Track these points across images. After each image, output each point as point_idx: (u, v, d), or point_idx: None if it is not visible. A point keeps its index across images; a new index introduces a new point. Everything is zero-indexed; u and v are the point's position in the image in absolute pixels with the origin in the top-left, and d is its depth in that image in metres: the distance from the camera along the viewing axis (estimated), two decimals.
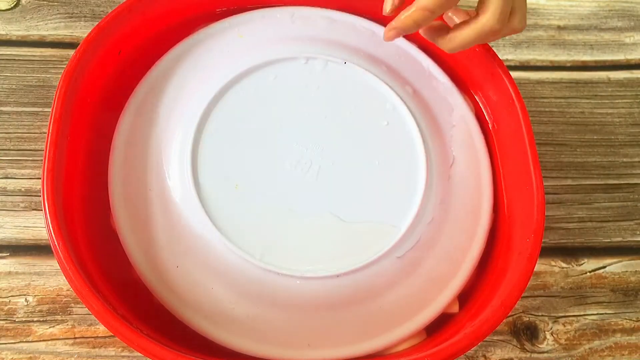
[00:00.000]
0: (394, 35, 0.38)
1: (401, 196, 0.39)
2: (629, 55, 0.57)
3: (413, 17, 0.36)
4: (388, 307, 0.38)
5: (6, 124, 0.48)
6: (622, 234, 0.50)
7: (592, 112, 0.54)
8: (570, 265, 0.48)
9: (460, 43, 0.37)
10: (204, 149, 0.39)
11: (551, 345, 0.45)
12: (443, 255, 0.40)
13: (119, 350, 0.42)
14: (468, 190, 0.42)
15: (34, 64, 0.50)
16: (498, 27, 0.36)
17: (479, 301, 0.39)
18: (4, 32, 0.51)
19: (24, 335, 0.42)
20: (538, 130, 0.52)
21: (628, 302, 0.47)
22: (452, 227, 0.40)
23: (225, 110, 0.40)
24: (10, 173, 0.46)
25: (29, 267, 0.43)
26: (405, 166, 0.40)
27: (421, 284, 0.39)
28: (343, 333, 0.37)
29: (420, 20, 0.36)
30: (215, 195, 0.38)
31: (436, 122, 0.43)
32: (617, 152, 0.53)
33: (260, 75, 0.41)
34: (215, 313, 0.36)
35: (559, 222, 0.49)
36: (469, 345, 0.34)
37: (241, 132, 0.40)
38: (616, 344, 0.46)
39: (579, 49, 0.57)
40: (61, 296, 0.43)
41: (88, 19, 0.52)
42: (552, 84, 0.55)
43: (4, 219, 0.45)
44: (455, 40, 0.38)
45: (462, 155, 0.43)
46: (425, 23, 0.37)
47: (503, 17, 0.36)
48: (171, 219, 0.38)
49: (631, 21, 0.59)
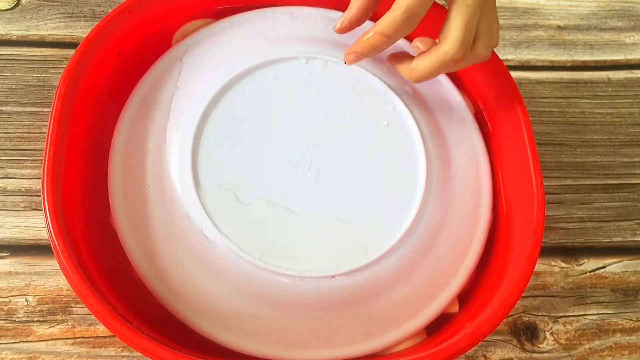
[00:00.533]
0: (353, 59, 0.38)
1: (401, 196, 0.39)
2: (629, 55, 0.57)
3: (370, 41, 0.36)
4: (388, 307, 0.38)
5: (6, 124, 0.48)
6: (622, 234, 0.50)
7: (592, 112, 0.54)
8: (570, 265, 0.48)
9: (422, 73, 0.37)
10: (204, 148, 0.39)
11: (551, 345, 0.45)
12: (443, 256, 0.40)
13: (119, 350, 0.42)
14: (468, 191, 0.42)
15: (34, 64, 0.50)
16: (460, 56, 0.35)
17: (479, 301, 0.39)
18: (4, 32, 0.51)
19: (24, 335, 0.42)
20: (538, 130, 0.52)
21: (628, 302, 0.47)
22: (451, 227, 0.40)
23: (225, 110, 0.40)
24: (10, 173, 0.46)
25: (29, 267, 0.43)
26: (405, 166, 0.40)
27: (421, 284, 0.39)
28: (343, 333, 0.37)
29: (378, 45, 0.36)
30: (215, 195, 0.38)
31: (436, 122, 0.43)
32: (617, 152, 0.53)
33: (261, 75, 0.41)
34: (215, 313, 0.36)
35: (559, 222, 0.49)
36: (469, 345, 0.34)
37: (241, 132, 0.39)
38: (616, 344, 0.46)
39: (579, 49, 0.57)
40: (61, 296, 0.43)
41: (88, 19, 0.52)
42: (552, 84, 0.55)
43: (4, 219, 0.45)
44: (417, 71, 0.37)
45: (461, 156, 0.43)
46: (383, 47, 0.36)
47: (465, 45, 0.35)
48: (171, 219, 0.38)
49: (631, 21, 0.59)
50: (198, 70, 0.42)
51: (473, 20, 0.35)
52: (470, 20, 0.35)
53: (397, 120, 0.41)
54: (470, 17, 0.35)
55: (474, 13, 0.35)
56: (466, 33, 0.35)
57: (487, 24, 0.36)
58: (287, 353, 0.37)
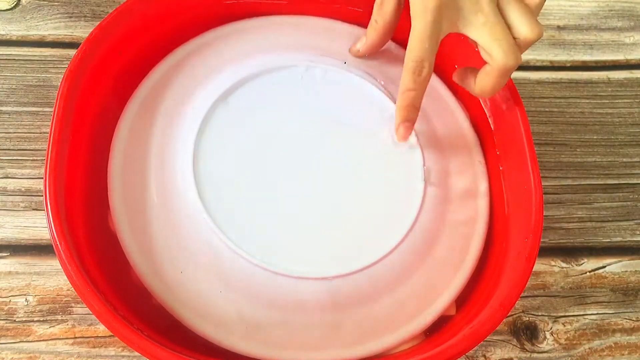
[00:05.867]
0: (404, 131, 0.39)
1: (399, 201, 0.40)
2: (628, 55, 0.57)
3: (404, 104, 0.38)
4: (387, 309, 0.38)
5: (6, 124, 0.48)
6: (622, 234, 0.50)
7: (592, 112, 0.54)
8: (570, 265, 0.48)
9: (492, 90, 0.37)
10: (206, 150, 0.39)
11: (551, 345, 0.45)
12: (442, 257, 0.40)
13: (119, 350, 0.42)
14: (466, 193, 0.42)
15: (34, 64, 0.50)
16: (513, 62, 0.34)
17: (478, 302, 0.39)
18: (4, 32, 0.51)
19: (24, 335, 0.42)
20: (538, 130, 0.52)
21: (628, 302, 0.47)
22: (450, 229, 0.40)
23: (227, 114, 0.40)
24: (10, 173, 0.46)
25: (29, 267, 0.43)
26: (404, 172, 0.40)
27: (420, 285, 0.39)
28: (342, 335, 0.37)
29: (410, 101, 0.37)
30: (216, 196, 0.38)
31: (434, 129, 0.43)
32: (617, 152, 0.53)
33: (261, 81, 0.41)
34: (215, 314, 0.36)
35: (558, 222, 0.49)
36: (469, 346, 0.34)
37: (242, 136, 0.40)
38: (616, 344, 0.46)
39: (578, 49, 0.57)
40: (61, 296, 0.43)
41: (88, 19, 0.52)
42: (552, 84, 0.55)
43: (4, 219, 0.45)
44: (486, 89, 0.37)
45: (458, 158, 0.43)
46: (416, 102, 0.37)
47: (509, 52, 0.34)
48: (171, 220, 0.38)
49: (631, 21, 0.59)
50: (200, 75, 0.42)
51: (496, 28, 0.34)
52: (494, 31, 0.34)
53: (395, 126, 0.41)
54: (492, 28, 0.34)
55: (492, 23, 0.34)
56: (502, 43, 0.34)
57: (515, 10, 0.35)
58: (287, 355, 0.37)
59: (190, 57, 0.42)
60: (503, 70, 0.35)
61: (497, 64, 0.35)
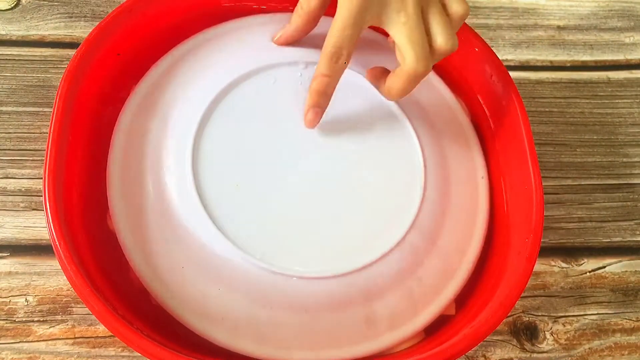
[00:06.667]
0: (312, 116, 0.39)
1: (400, 199, 0.40)
2: (629, 55, 0.57)
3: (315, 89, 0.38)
4: (387, 309, 0.38)
5: (6, 124, 0.48)
6: (622, 234, 0.50)
7: (592, 112, 0.54)
8: (570, 265, 0.48)
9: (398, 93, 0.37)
10: (204, 149, 0.39)
11: (551, 345, 0.45)
12: (442, 256, 0.40)
13: (119, 350, 0.42)
14: (465, 192, 0.42)
15: (34, 64, 0.50)
16: (422, 68, 0.35)
17: (478, 302, 0.39)
18: (4, 32, 0.51)
19: (24, 335, 0.42)
20: (538, 130, 0.52)
21: (628, 302, 0.47)
22: (450, 228, 0.40)
23: (225, 112, 0.40)
24: (10, 173, 0.46)
25: (29, 267, 0.43)
26: (404, 171, 0.40)
27: (420, 285, 0.39)
28: (342, 334, 0.37)
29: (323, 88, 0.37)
30: (215, 195, 0.38)
31: (435, 127, 0.43)
32: (617, 152, 0.53)
33: (261, 79, 0.41)
34: (215, 314, 0.36)
35: (558, 222, 0.49)
36: (469, 346, 0.34)
37: (241, 134, 0.40)
38: (616, 344, 0.46)
39: (578, 49, 0.57)
40: (61, 296, 0.43)
41: (88, 19, 0.52)
42: (551, 84, 0.55)
43: (4, 219, 0.45)
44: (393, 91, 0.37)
45: (459, 158, 0.43)
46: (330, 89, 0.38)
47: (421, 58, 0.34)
48: (170, 219, 0.38)
49: (631, 21, 0.59)
50: (198, 73, 0.42)
51: (415, 31, 0.34)
52: (413, 33, 0.34)
53: (396, 125, 0.41)
54: (410, 30, 0.34)
55: (412, 25, 0.34)
56: (415, 47, 0.34)
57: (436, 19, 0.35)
58: (287, 354, 0.37)
59: (188, 56, 0.42)
60: (412, 75, 0.35)
61: (407, 68, 0.35)
